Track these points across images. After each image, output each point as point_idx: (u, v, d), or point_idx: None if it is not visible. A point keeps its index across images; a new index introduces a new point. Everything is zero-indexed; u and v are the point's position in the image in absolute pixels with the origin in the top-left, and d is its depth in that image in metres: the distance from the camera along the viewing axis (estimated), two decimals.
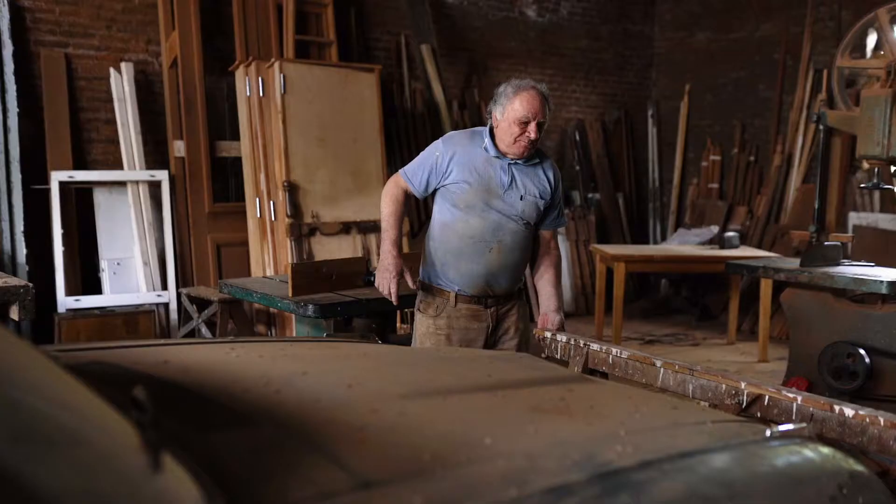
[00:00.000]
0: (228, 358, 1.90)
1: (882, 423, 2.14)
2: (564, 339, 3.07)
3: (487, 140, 3.21)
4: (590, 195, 8.89)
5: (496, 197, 3.17)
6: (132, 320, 5.71)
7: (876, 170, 4.68)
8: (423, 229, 7.36)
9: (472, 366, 2.04)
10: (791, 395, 2.33)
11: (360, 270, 4.21)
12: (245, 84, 5.88)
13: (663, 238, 9.32)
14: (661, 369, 2.68)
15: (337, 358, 2.00)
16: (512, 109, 3.11)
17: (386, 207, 3.30)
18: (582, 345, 2.98)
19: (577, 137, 8.98)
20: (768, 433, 1.71)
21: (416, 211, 7.37)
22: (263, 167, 5.81)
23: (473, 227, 3.16)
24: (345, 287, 4.07)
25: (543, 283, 3.43)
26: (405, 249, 6.11)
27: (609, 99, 9.41)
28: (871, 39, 6.92)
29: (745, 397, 2.42)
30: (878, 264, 5.13)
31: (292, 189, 5.69)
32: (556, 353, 3.09)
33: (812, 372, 4.66)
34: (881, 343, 4.43)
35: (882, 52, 6.97)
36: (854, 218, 7.65)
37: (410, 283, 3.28)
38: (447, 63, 7.83)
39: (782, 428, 1.77)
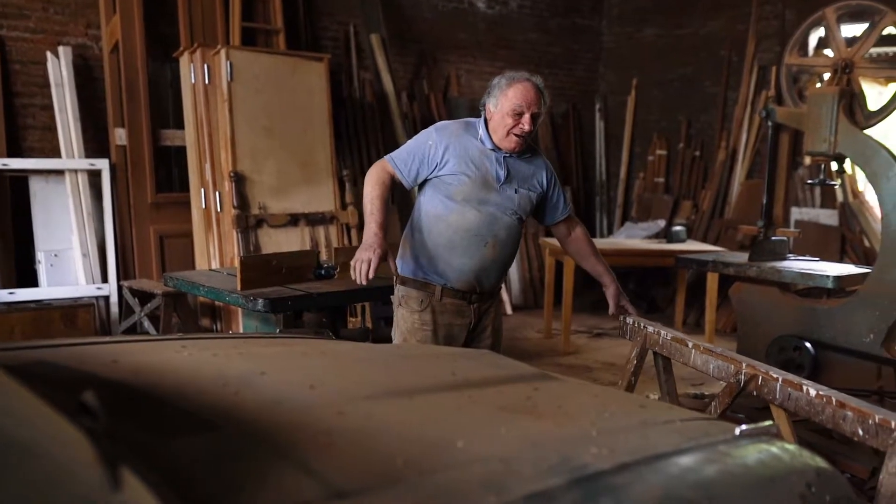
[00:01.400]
0: (180, 357, 1.81)
1: (834, 402, 2.40)
2: (631, 321, 3.31)
3: (483, 132, 3.13)
4: None
5: (492, 190, 3.09)
6: (70, 314, 5.52)
7: (822, 166, 4.73)
8: None
9: (435, 364, 1.98)
10: (775, 376, 2.62)
11: (311, 264, 4.12)
12: (190, 71, 5.72)
13: (610, 231, 9.38)
14: (693, 350, 3.02)
15: (295, 356, 1.92)
16: (506, 100, 3.05)
17: (371, 190, 3.12)
18: (642, 327, 3.25)
19: None
20: (737, 431, 1.69)
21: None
22: (209, 157, 5.66)
23: (469, 221, 3.07)
24: (295, 281, 3.98)
25: (590, 262, 3.44)
26: (355, 241, 6.02)
27: (557, 92, 9.41)
28: (814, 38, 7.06)
29: (743, 377, 2.74)
30: (820, 259, 5.23)
31: (239, 179, 5.55)
32: (626, 335, 3.37)
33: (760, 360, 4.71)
34: (826, 336, 4.49)
35: (823, 51, 7.11)
36: (796, 213, 7.79)
37: (392, 268, 3.09)
38: (396, 54, 7.74)
39: (749, 426, 1.76)
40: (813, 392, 2.49)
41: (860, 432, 2.33)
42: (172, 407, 1.36)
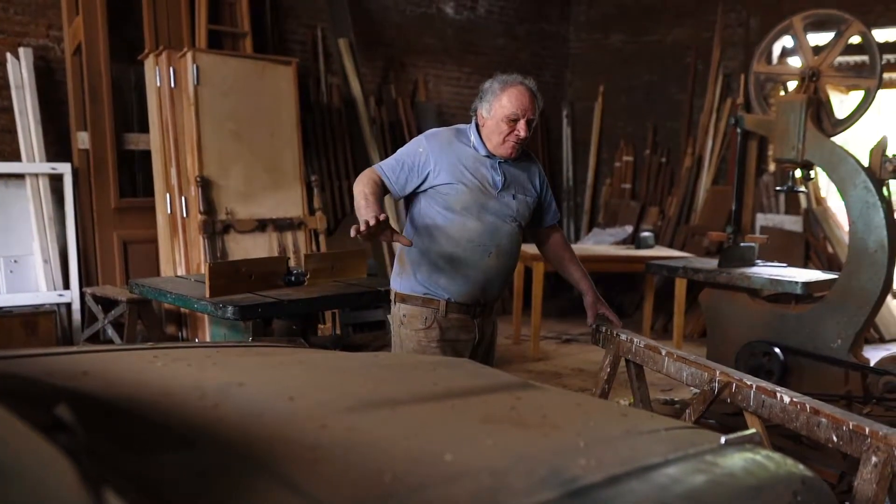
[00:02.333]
0: (154, 368, 1.75)
1: (808, 409, 2.40)
2: (604, 329, 3.25)
3: (475, 138, 3.02)
4: None
5: (491, 198, 2.99)
6: (31, 321, 5.39)
7: (790, 173, 4.78)
8: (339, 226, 7.21)
9: (415, 373, 1.94)
10: (749, 383, 2.60)
11: (281, 270, 4.06)
12: (155, 74, 5.62)
13: (578, 237, 9.40)
14: (666, 358, 2.97)
15: (272, 366, 1.87)
16: (500, 106, 2.95)
17: (363, 189, 2.89)
18: (615, 335, 3.20)
19: None
20: (723, 440, 1.68)
21: (333, 206, 7.22)
22: (175, 161, 5.57)
23: (471, 231, 2.96)
24: (264, 287, 3.91)
25: (569, 269, 3.32)
26: (323, 247, 5.97)
27: None
28: (778, 46, 7.14)
29: (717, 384, 2.72)
30: (786, 265, 5.28)
31: (205, 184, 5.47)
32: (598, 342, 3.29)
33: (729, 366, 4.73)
34: (795, 342, 4.53)
35: (786, 59, 7.21)
36: (761, 219, 7.87)
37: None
38: (364, 58, 7.69)
39: (734, 435, 1.75)
40: (787, 399, 2.49)
41: (834, 439, 2.33)
42: (150, 421, 1.31)
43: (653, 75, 8.97)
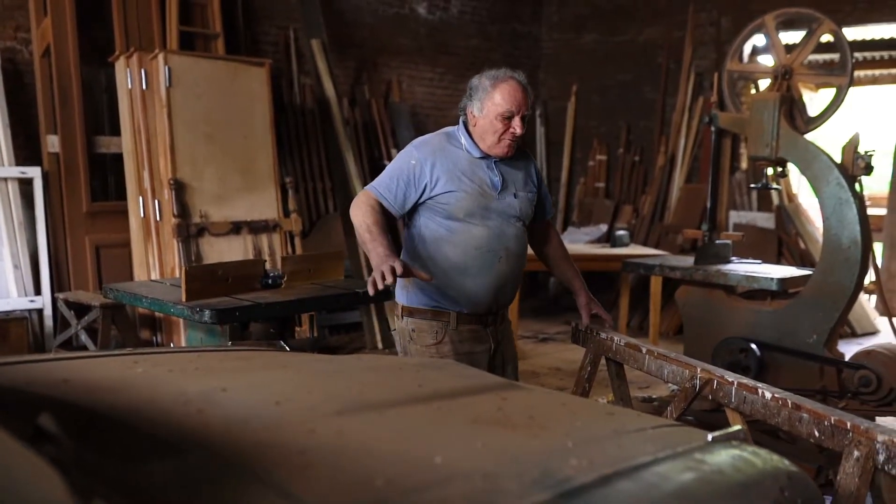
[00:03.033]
0: (135, 374, 1.73)
1: (790, 404, 2.42)
2: (584, 327, 3.25)
3: (466, 140, 2.89)
4: None
5: (492, 200, 2.86)
6: (2, 328, 5.31)
7: (764, 170, 4.82)
8: (315, 227, 7.18)
9: (400, 375, 1.93)
10: (731, 380, 2.62)
11: (258, 273, 4.02)
12: (126, 76, 5.55)
13: None
14: (647, 356, 2.99)
15: (255, 370, 1.85)
16: (493, 104, 2.81)
17: (364, 219, 2.79)
18: (595, 333, 3.23)
19: None
20: (710, 438, 1.69)
21: (308, 208, 7.18)
22: (147, 164, 5.50)
23: (479, 237, 2.84)
24: (241, 290, 3.87)
25: (562, 268, 3.24)
26: (299, 249, 5.93)
27: None
28: (749, 45, 7.20)
29: (698, 381, 2.73)
30: (760, 261, 5.33)
31: (179, 187, 5.41)
32: (578, 341, 3.30)
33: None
34: (771, 338, 4.57)
35: (756, 58, 7.27)
36: (734, 216, 7.94)
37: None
38: (337, 59, 7.66)
39: (720, 432, 1.75)
40: (768, 395, 2.51)
41: (816, 434, 2.35)
42: (134, 429, 1.29)
43: (625, 74, 9.01)
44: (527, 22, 9.64)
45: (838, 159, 4.43)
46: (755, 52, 7.42)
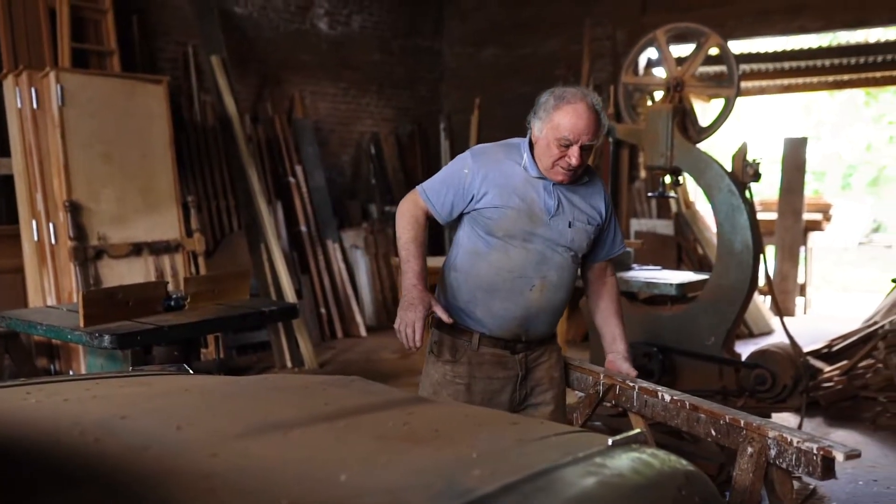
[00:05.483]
0: (27, 404, 1.67)
1: (688, 406, 2.52)
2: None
3: (527, 157, 2.66)
4: (387, 208, 8.90)
5: (541, 224, 2.64)
6: None
7: (661, 179, 4.97)
8: (219, 247, 7.05)
9: (306, 394, 1.92)
10: (631, 384, 2.70)
11: (159, 295, 3.94)
12: (15, 95, 5.36)
13: None
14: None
15: (156, 396, 1.81)
16: (551, 127, 2.56)
17: (404, 232, 2.68)
18: None
19: (373, 151, 8.98)
20: (610, 442, 1.74)
21: (212, 227, 7.05)
22: (40, 186, 5.31)
23: (514, 260, 2.65)
24: (143, 314, 3.79)
25: (606, 321, 2.94)
26: (203, 270, 5.81)
27: (402, 112, 9.49)
28: (644, 58, 7.45)
29: (601, 387, 2.78)
30: (661, 267, 5.49)
31: (75, 209, 5.24)
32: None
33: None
34: (672, 341, 4.71)
35: (651, 70, 7.52)
36: (635, 224, 8.16)
37: (445, 317, 2.61)
38: (238, 75, 7.57)
39: (620, 436, 1.80)
40: (668, 398, 2.58)
41: (713, 433, 2.43)
42: (26, 462, 1.24)
43: (526, 87, 9.13)
44: (429, 36, 9.72)
45: (729, 168, 4.61)
46: (651, 64, 7.67)
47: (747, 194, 4.62)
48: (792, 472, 2.20)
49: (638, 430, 1.88)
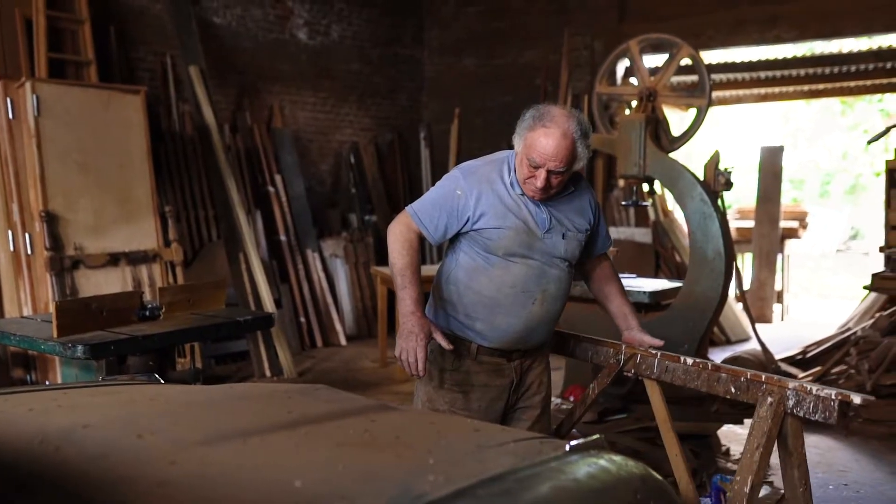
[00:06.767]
0: None
1: (709, 367, 2.70)
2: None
3: (512, 176, 2.67)
4: (367, 217, 8.93)
5: (537, 240, 2.67)
6: None
7: (634, 188, 5.02)
8: (197, 257, 7.05)
9: (270, 402, 1.94)
10: (654, 353, 2.84)
11: (134, 305, 3.94)
12: None
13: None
14: (571, 339, 3.14)
15: (121, 405, 1.83)
16: (525, 145, 2.58)
17: (399, 258, 2.67)
18: None
19: (353, 160, 9.00)
20: (567, 447, 1.77)
21: (190, 237, 7.05)
22: (16, 196, 5.31)
23: (515, 276, 2.67)
24: (118, 324, 3.79)
25: (612, 301, 2.99)
26: (181, 279, 5.81)
27: (382, 122, 9.52)
28: (621, 68, 7.51)
29: (623, 356, 2.92)
30: (637, 275, 5.54)
31: (51, 219, 5.24)
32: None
33: (587, 379, 4.92)
34: None
35: (629, 80, 7.59)
36: (613, 232, 8.21)
37: (445, 344, 2.63)
38: (217, 85, 7.58)
39: (579, 441, 1.83)
40: (689, 361, 2.75)
41: (733, 390, 2.62)
42: None
43: (506, 96, 9.23)
44: (408, 46, 9.77)
45: (701, 176, 4.66)
46: (628, 74, 7.73)
47: (719, 203, 4.67)
48: (809, 419, 2.40)
49: (597, 436, 1.92)
